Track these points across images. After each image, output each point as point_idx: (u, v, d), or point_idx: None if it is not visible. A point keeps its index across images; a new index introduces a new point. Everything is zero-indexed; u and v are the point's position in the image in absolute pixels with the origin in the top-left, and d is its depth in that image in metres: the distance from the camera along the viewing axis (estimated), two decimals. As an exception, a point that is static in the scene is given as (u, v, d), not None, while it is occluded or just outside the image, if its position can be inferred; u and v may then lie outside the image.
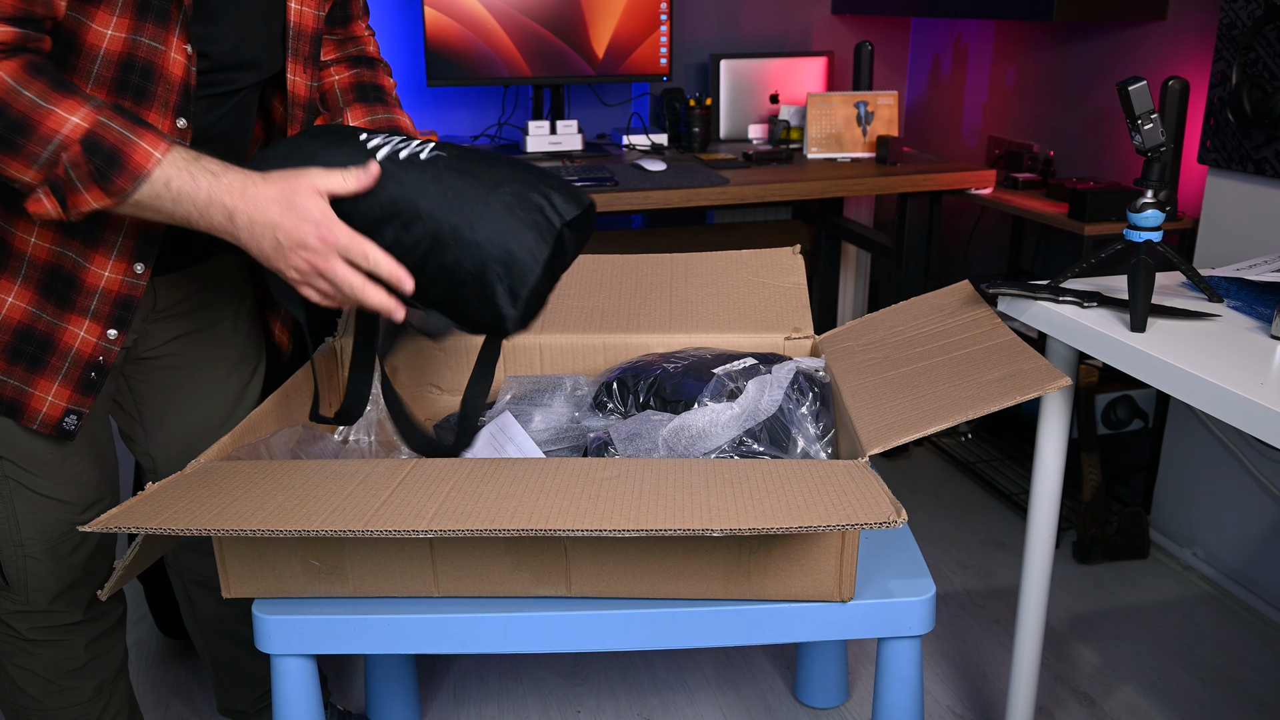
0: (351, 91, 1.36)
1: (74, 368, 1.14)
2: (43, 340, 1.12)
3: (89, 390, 1.16)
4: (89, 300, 1.13)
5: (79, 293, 1.12)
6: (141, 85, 1.06)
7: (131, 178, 0.98)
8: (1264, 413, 1.04)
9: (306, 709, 1.14)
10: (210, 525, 0.93)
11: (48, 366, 1.13)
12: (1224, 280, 1.46)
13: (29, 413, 1.13)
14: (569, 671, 1.91)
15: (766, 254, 1.59)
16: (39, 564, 1.21)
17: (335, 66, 1.38)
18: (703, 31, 3.01)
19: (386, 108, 1.36)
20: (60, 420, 1.15)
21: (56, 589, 1.23)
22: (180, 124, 1.10)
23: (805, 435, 1.22)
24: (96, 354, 1.15)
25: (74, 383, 1.15)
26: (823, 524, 0.90)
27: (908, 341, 1.34)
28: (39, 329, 1.12)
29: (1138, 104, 1.27)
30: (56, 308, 1.12)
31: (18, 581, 1.21)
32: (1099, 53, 2.51)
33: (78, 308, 1.13)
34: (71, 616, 1.26)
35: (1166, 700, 1.83)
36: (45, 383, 1.13)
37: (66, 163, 0.97)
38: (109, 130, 0.97)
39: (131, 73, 1.05)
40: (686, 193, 2.25)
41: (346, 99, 1.36)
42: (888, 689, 1.17)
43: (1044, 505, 1.46)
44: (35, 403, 1.13)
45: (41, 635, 1.25)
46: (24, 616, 1.24)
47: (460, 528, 0.92)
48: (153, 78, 1.06)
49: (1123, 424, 2.30)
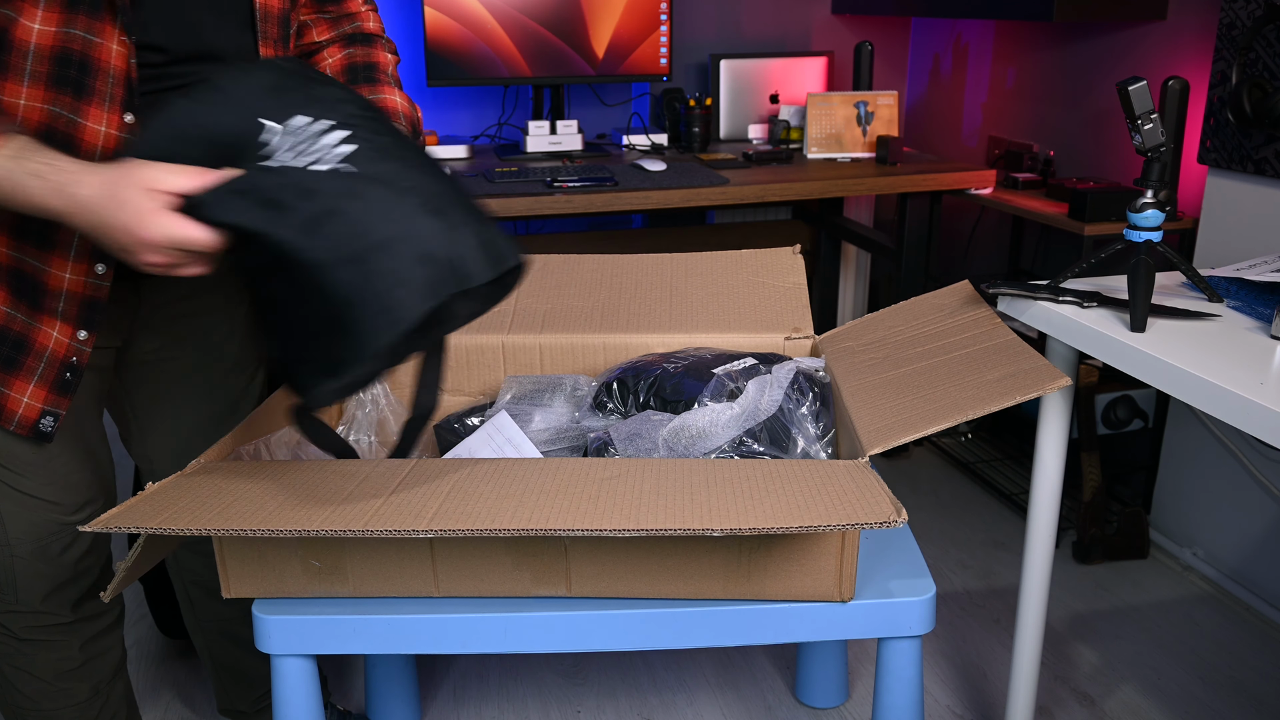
0: (344, 74, 1.32)
1: (49, 368, 1.13)
2: (17, 341, 1.12)
3: (64, 391, 1.15)
4: (56, 302, 1.12)
5: (45, 295, 1.12)
6: (80, 80, 1.03)
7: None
8: (1264, 413, 1.04)
9: (306, 709, 1.14)
10: (210, 525, 0.93)
11: (23, 367, 1.12)
12: (1224, 280, 1.46)
13: (5, 414, 1.13)
14: (569, 671, 1.91)
15: (766, 254, 1.59)
16: (27, 564, 1.20)
17: (330, 48, 1.33)
18: (703, 31, 3.01)
19: (374, 86, 1.30)
20: (37, 421, 1.14)
21: (46, 589, 1.23)
22: (128, 119, 1.07)
23: (805, 435, 1.22)
24: (70, 354, 1.14)
25: (49, 383, 1.14)
26: (823, 524, 0.90)
27: (908, 341, 1.34)
28: (14, 329, 1.11)
29: (1138, 104, 1.27)
30: (29, 309, 1.11)
31: (6, 582, 1.21)
32: (1099, 53, 2.51)
33: (47, 309, 1.12)
34: (62, 617, 1.25)
35: (1166, 700, 1.83)
36: (20, 384, 1.12)
37: None
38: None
39: (68, 67, 1.02)
40: (686, 193, 2.25)
41: (340, 80, 1.31)
42: (888, 689, 1.17)
43: (1044, 505, 1.46)
44: (11, 404, 1.13)
45: (35, 635, 1.25)
46: (16, 617, 1.23)
47: (460, 528, 0.92)
48: (90, 71, 1.03)
49: (1123, 424, 2.31)
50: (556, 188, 2.19)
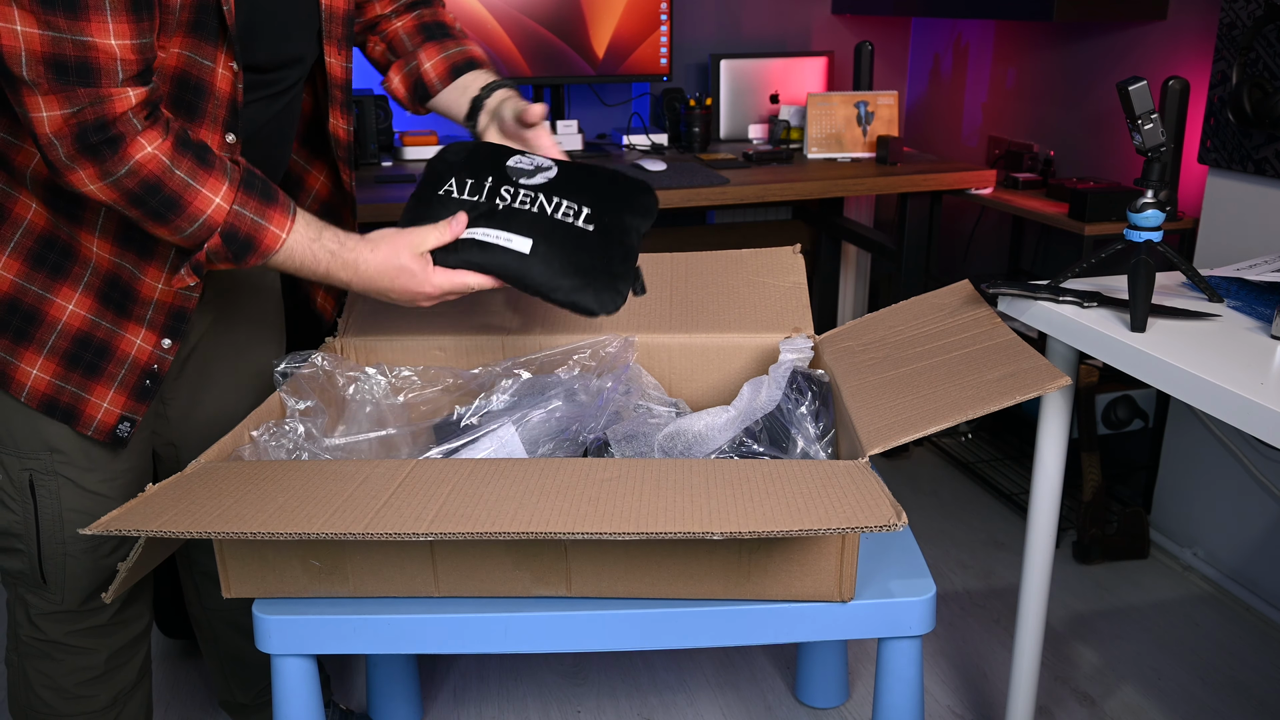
0: (418, 34, 1.38)
1: (130, 374, 1.16)
2: (100, 347, 1.14)
3: (143, 397, 1.18)
4: (145, 310, 1.16)
5: (135, 302, 1.15)
6: (194, 103, 1.08)
7: (260, 257, 1.09)
8: (1264, 413, 1.04)
9: (306, 709, 1.14)
10: (211, 527, 0.93)
11: (104, 373, 1.15)
12: (1224, 280, 1.46)
13: (84, 419, 1.15)
14: (569, 671, 1.91)
15: (766, 254, 1.59)
16: (78, 563, 1.22)
17: (394, 11, 1.39)
18: (703, 31, 3.01)
19: (457, 41, 1.39)
20: (114, 427, 1.17)
21: (90, 588, 1.24)
22: (229, 139, 1.12)
23: (805, 435, 1.22)
24: (152, 362, 1.17)
25: (129, 389, 1.17)
26: (823, 527, 0.90)
27: (908, 341, 1.34)
28: (97, 336, 1.14)
29: (1138, 104, 1.27)
30: (115, 315, 1.14)
31: (55, 581, 1.22)
32: (1099, 53, 2.51)
33: (134, 316, 1.15)
34: (98, 619, 1.27)
35: (1166, 700, 1.83)
36: (101, 389, 1.15)
37: (208, 250, 1.07)
38: (243, 219, 1.06)
39: (186, 91, 1.07)
40: (686, 193, 2.25)
41: (414, 41, 1.38)
42: (888, 689, 1.17)
43: (1044, 505, 1.46)
44: (91, 409, 1.15)
45: (68, 639, 1.25)
46: (54, 619, 1.24)
47: (460, 530, 0.92)
48: (204, 95, 1.08)
49: (1123, 424, 2.31)
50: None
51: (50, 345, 1.12)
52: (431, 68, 1.36)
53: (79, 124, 0.95)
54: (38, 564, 1.21)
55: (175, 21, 1.02)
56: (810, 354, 1.41)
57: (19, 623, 1.26)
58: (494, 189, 1.22)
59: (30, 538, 1.19)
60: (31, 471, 1.17)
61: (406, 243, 1.14)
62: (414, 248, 1.14)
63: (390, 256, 1.14)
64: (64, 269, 1.11)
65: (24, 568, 1.21)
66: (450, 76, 1.36)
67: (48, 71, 0.92)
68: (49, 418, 1.14)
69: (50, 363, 1.12)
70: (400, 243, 1.14)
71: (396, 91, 1.40)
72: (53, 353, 1.12)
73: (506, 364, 1.44)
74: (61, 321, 1.12)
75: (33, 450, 1.16)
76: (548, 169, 1.25)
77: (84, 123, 0.95)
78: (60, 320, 1.12)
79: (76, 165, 0.97)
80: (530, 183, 1.23)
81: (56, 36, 0.91)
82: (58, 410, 1.14)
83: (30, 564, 1.21)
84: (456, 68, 1.36)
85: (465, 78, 1.36)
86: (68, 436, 1.16)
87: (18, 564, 1.21)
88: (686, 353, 1.48)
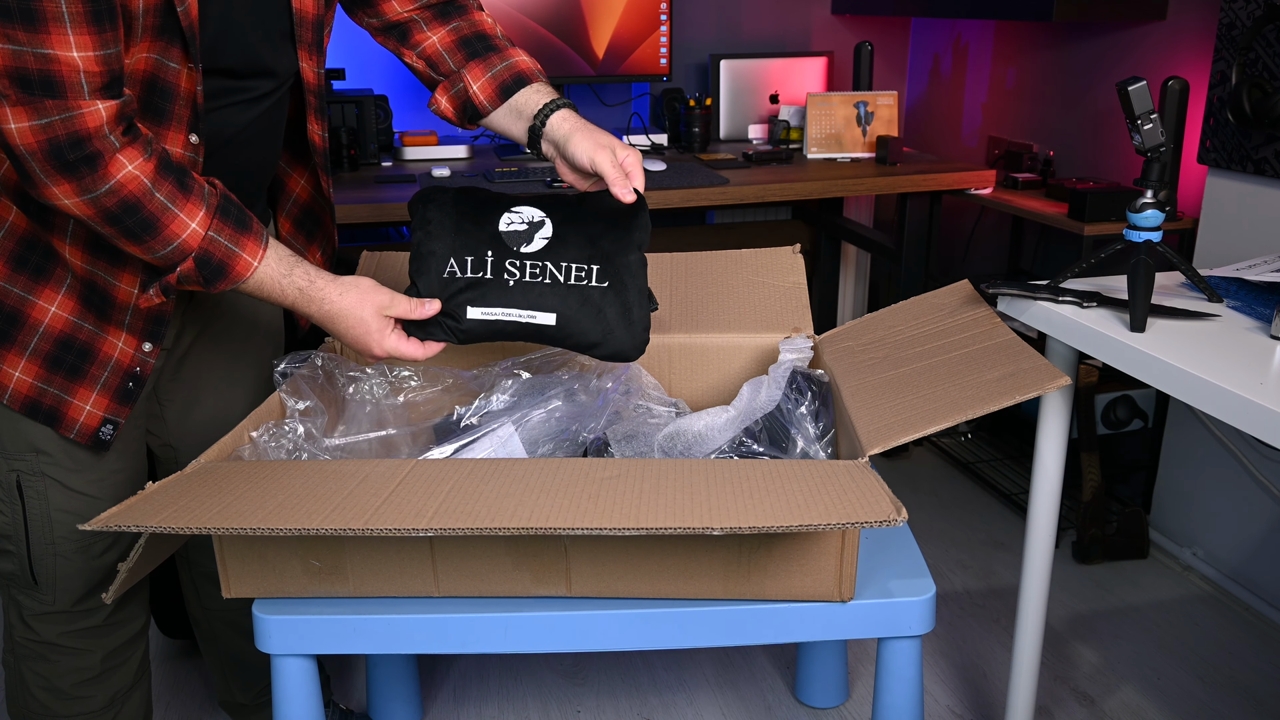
0: (459, 50, 1.30)
1: (113, 376, 1.16)
2: (83, 349, 1.14)
3: (126, 400, 1.18)
4: (123, 315, 1.15)
5: (113, 307, 1.15)
6: (161, 105, 1.08)
7: (230, 283, 1.10)
8: (1264, 413, 1.04)
9: (306, 709, 1.14)
10: (210, 524, 0.93)
11: (87, 376, 1.15)
12: (1224, 280, 1.46)
13: (66, 421, 1.15)
14: (569, 671, 1.91)
15: (766, 254, 1.59)
16: (69, 563, 1.22)
17: (432, 27, 1.31)
18: (703, 31, 3.01)
19: (502, 55, 1.30)
20: (97, 430, 1.17)
21: (83, 589, 1.24)
22: (193, 139, 1.11)
23: (805, 435, 1.22)
24: (134, 365, 1.17)
25: (112, 391, 1.17)
26: (823, 523, 0.90)
27: (907, 341, 1.34)
28: (80, 338, 1.14)
29: (1137, 104, 1.27)
30: (96, 318, 1.14)
31: (46, 581, 1.22)
32: (1099, 53, 2.51)
33: (114, 320, 1.15)
34: (93, 620, 1.27)
35: (1166, 700, 1.83)
36: (84, 391, 1.15)
37: (180, 273, 1.07)
38: (217, 245, 1.07)
39: (154, 94, 1.07)
40: (686, 193, 2.25)
41: (456, 60, 1.30)
42: (888, 689, 1.17)
43: (1044, 505, 1.46)
44: (73, 411, 1.15)
45: (61, 641, 1.26)
46: (48, 619, 1.24)
47: (460, 526, 0.92)
48: (170, 97, 1.08)
49: (1123, 424, 2.31)
50: (556, 188, 2.19)
51: (32, 348, 1.12)
52: (480, 90, 1.29)
53: (50, 139, 0.94)
54: (28, 565, 1.21)
55: (140, 27, 1.01)
56: (810, 354, 1.41)
57: (13, 624, 1.26)
58: (498, 264, 1.21)
59: (19, 539, 1.20)
60: (18, 473, 1.17)
61: (375, 301, 1.16)
62: (381, 308, 1.16)
63: (355, 307, 1.15)
64: (46, 271, 1.11)
65: (15, 569, 1.22)
66: (500, 97, 1.29)
67: (12, 84, 0.92)
68: (32, 420, 1.14)
69: (33, 365, 1.12)
70: (369, 299, 1.16)
71: (445, 113, 1.33)
72: (35, 355, 1.12)
73: (506, 364, 1.44)
74: (44, 324, 1.12)
75: (18, 451, 1.16)
76: (540, 224, 1.23)
77: (55, 138, 0.95)
78: (42, 323, 1.12)
79: (52, 181, 0.97)
80: (531, 250, 1.21)
81: (17, 50, 0.91)
82: (40, 413, 1.14)
83: (21, 565, 1.21)
84: (505, 87, 1.29)
85: (517, 98, 1.28)
86: (52, 438, 1.16)
87: (9, 565, 1.22)
88: (686, 353, 1.48)
